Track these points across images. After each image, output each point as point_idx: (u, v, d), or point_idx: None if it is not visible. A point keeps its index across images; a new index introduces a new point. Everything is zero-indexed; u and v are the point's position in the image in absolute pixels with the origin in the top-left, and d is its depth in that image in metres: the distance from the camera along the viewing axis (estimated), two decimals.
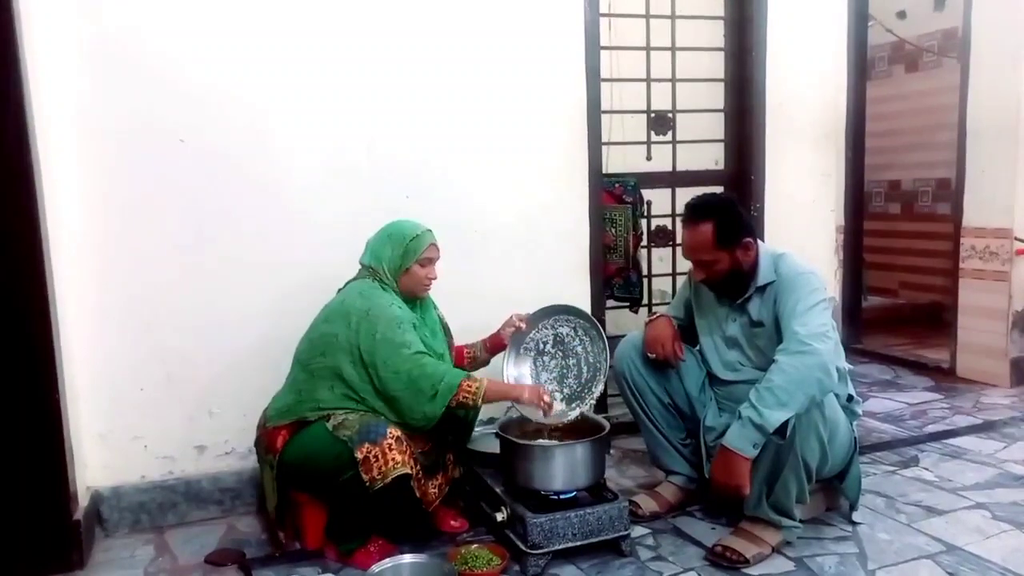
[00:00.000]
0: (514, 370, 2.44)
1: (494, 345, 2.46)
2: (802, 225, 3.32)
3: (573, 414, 2.28)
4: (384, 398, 2.09)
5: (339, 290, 2.27)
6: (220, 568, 2.17)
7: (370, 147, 2.59)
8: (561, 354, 2.42)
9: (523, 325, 2.42)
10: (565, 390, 2.36)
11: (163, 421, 2.43)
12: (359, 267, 2.27)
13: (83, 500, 2.27)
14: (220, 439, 2.50)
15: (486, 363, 2.49)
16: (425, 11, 2.61)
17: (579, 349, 2.38)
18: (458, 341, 2.47)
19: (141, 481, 2.43)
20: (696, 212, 2.26)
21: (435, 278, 2.29)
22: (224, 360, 2.47)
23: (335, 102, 2.52)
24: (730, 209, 2.28)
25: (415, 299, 2.29)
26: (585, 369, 2.35)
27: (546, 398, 2.20)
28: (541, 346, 2.44)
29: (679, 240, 3.22)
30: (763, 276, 2.27)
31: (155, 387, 2.41)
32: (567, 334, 2.42)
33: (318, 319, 2.20)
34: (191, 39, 2.35)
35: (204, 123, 2.38)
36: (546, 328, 2.44)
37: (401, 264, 2.20)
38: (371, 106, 2.57)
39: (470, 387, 2.09)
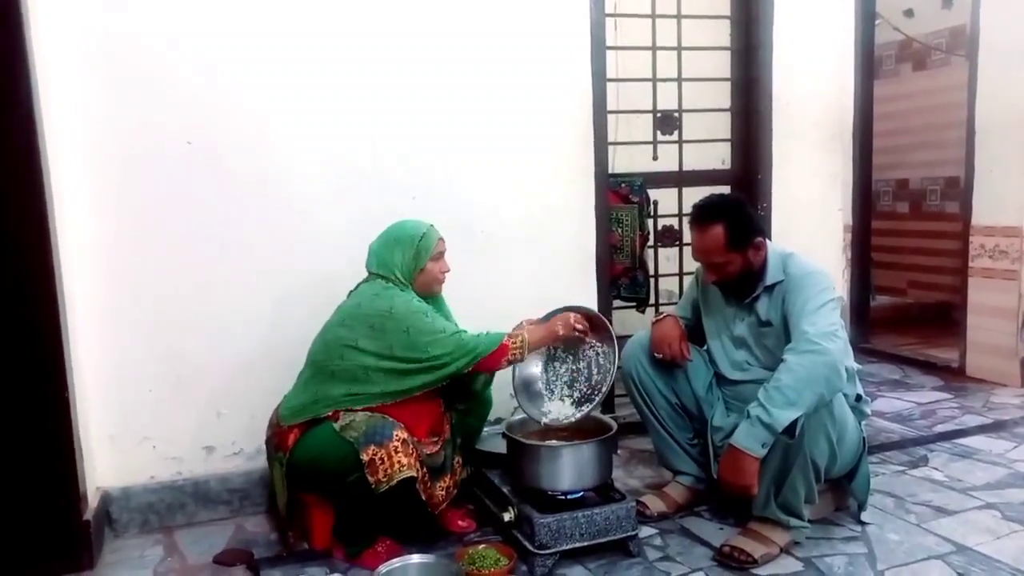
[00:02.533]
0: (525, 373, 2.43)
1: None
2: (809, 225, 3.31)
3: (579, 415, 2.27)
4: (418, 372, 2.10)
5: (350, 293, 2.27)
6: (229, 568, 2.18)
7: (375, 149, 2.59)
8: (572, 358, 2.40)
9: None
10: (575, 393, 2.35)
11: (172, 422, 2.45)
12: (367, 273, 2.26)
13: (93, 501, 2.28)
14: (228, 440, 2.51)
15: None
16: (429, 12, 2.62)
17: (590, 352, 2.37)
18: None
19: (150, 482, 2.45)
20: (706, 213, 2.24)
21: (448, 270, 2.30)
22: (232, 361, 2.48)
23: (337, 102, 2.52)
24: (740, 209, 2.27)
25: (429, 296, 2.29)
26: (595, 371, 2.34)
27: (578, 325, 2.24)
28: (552, 350, 2.43)
29: (686, 240, 3.24)
30: (771, 276, 2.27)
31: (164, 388, 2.42)
32: (579, 337, 2.41)
33: (333, 321, 2.20)
34: (193, 43, 2.36)
35: (210, 128, 2.39)
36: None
37: (415, 266, 2.21)
38: (375, 108, 2.57)
39: (515, 343, 2.15)
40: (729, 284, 2.31)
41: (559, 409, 2.30)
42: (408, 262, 2.20)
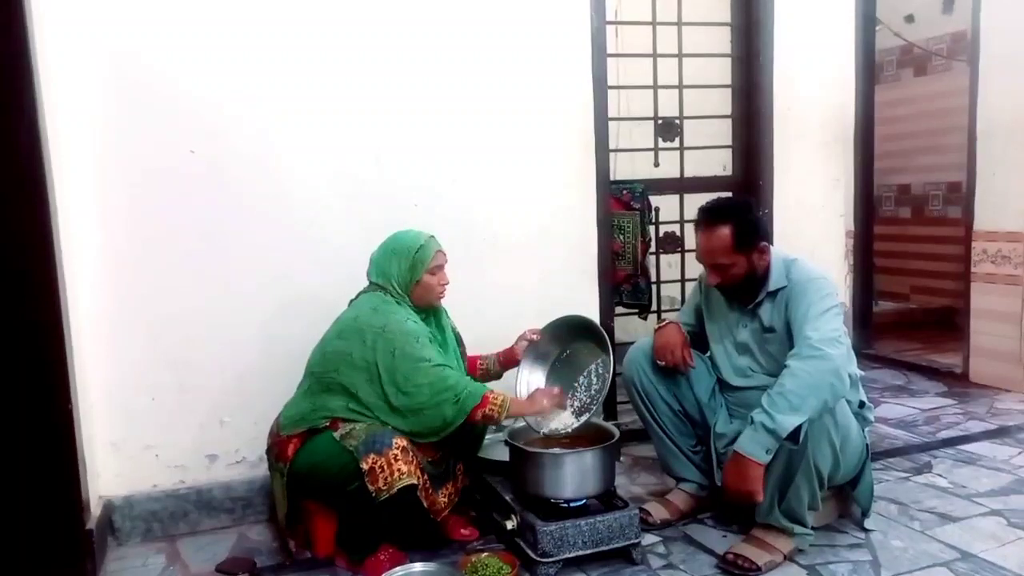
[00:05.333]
0: (528, 377, 2.45)
1: (507, 359, 2.46)
2: (812, 230, 3.31)
3: (576, 425, 2.27)
4: (402, 413, 2.08)
5: (351, 302, 2.27)
6: None
7: (377, 157, 2.60)
8: (573, 369, 2.41)
9: (536, 337, 2.42)
10: (575, 403, 2.35)
11: (175, 431, 2.45)
12: (368, 282, 2.27)
13: (96, 509, 2.28)
14: (231, 448, 2.51)
15: (498, 377, 2.49)
16: (430, 21, 2.62)
17: (590, 362, 2.38)
18: (469, 350, 2.47)
19: (153, 490, 2.44)
20: (713, 215, 2.24)
21: (447, 283, 2.29)
22: (235, 370, 2.48)
23: (339, 109, 2.53)
24: (748, 212, 2.28)
25: (429, 309, 2.29)
26: (595, 380, 2.35)
27: (555, 391, 2.27)
28: (554, 363, 2.46)
29: (688, 246, 3.24)
30: (775, 281, 2.27)
31: (167, 397, 2.42)
32: (579, 348, 2.42)
33: (331, 333, 2.19)
34: (196, 55, 2.36)
35: (213, 140, 2.40)
36: (560, 344, 2.44)
37: (411, 278, 2.20)
38: (377, 113, 2.58)
39: (495, 399, 2.10)
40: (732, 288, 2.31)
41: (560, 419, 2.29)
42: (404, 273, 2.19)
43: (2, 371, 2.02)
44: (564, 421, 2.28)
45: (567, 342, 2.44)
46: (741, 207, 2.30)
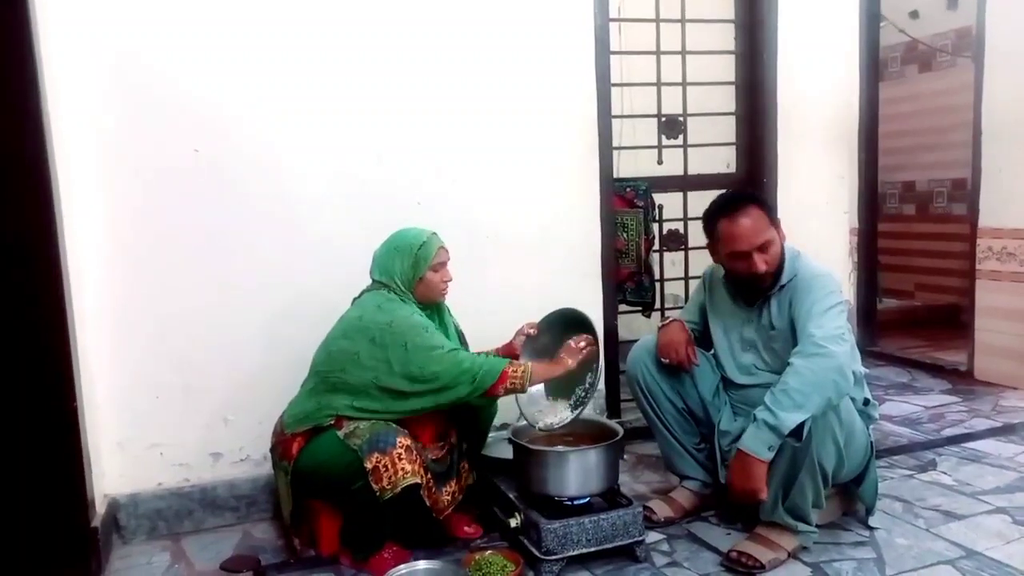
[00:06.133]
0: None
1: (507, 354, 2.46)
2: (816, 228, 3.30)
3: (572, 417, 2.28)
4: (419, 395, 2.09)
5: (354, 300, 2.28)
6: (236, 574, 2.18)
7: (380, 157, 2.60)
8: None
9: (533, 331, 2.42)
10: (572, 398, 2.36)
11: (179, 429, 2.45)
12: (371, 280, 2.27)
13: (101, 507, 2.29)
14: (235, 446, 2.52)
15: None
16: (432, 20, 2.62)
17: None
18: (471, 348, 2.47)
19: (158, 488, 2.45)
20: (736, 201, 2.25)
21: (450, 279, 2.29)
22: (240, 368, 2.49)
23: (341, 106, 2.53)
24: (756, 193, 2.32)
25: (432, 305, 2.30)
26: (588, 374, 2.35)
27: (582, 344, 2.23)
28: (552, 355, 2.45)
29: (691, 244, 3.24)
30: (787, 272, 2.26)
31: (171, 396, 2.43)
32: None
33: (335, 332, 2.20)
34: (200, 58, 2.37)
35: (217, 142, 2.40)
36: (556, 338, 2.44)
37: (414, 275, 2.20)
38: (380, 116, 2.58)
39: (516, 371, 2.12)
40: (740, 284, 2.29)
41: (556, 413, 2.30)
42: (407, 271, 2.20)
43: (7, 370, 2.03)
44: (560, 415, 2.29)
45: (562, 336, 2.44)
46: (748, 191, 2.34)
